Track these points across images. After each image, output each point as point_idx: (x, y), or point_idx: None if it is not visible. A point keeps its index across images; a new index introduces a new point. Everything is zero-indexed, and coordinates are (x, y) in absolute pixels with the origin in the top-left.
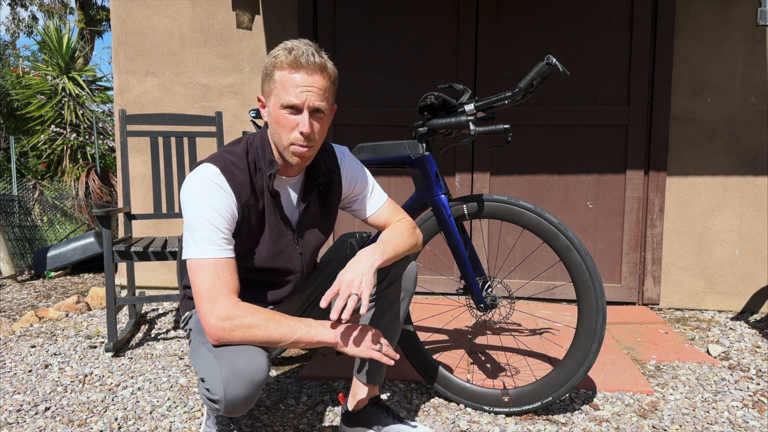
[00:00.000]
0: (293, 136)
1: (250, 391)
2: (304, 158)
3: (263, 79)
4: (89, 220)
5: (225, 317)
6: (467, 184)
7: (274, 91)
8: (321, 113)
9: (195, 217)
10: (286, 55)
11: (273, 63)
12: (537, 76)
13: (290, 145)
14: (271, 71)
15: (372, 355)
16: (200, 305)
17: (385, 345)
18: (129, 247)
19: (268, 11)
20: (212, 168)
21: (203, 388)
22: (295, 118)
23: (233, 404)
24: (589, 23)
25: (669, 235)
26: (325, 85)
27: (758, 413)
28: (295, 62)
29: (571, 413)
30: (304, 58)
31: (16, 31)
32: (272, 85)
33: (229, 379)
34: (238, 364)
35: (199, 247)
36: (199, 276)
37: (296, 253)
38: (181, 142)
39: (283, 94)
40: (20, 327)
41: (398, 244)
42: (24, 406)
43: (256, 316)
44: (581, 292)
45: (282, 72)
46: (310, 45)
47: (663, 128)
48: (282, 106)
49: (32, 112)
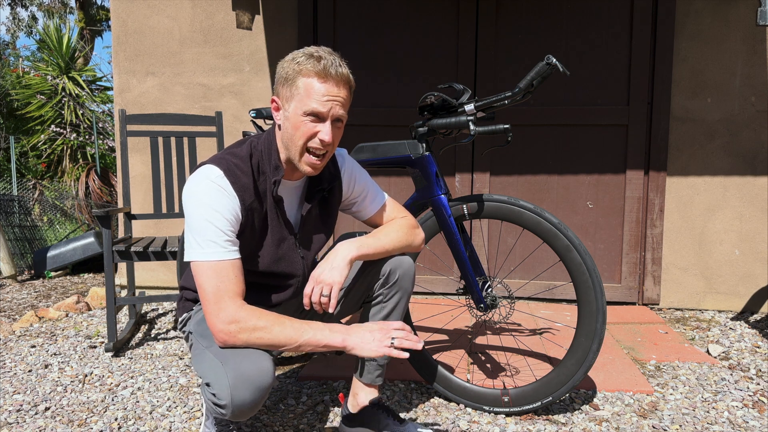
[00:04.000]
0: (312, 143)
1: (257, 396)
2: (316, 169)
3: (281, 83)
4: (89, 220)
5: (230, 320)
6: (467, 184)
7: (296, 96)
8: (340, 122)
9: (198, 219)
10: (314, 63)
11: (297, 69)
12: (537, 76)
13: (305, 152)
14: (294, 77)
15: (385, 352)
16: (206, 308)
17: (398, 338)
18: (129, 247)
19: (268, 11)
20: (216, 170)
21: (209, 393)
22: (317, 126)
23: (240, 409)
24: (589, 23)
25: (669, 235)
26: (347, 96)
27: (758, 413)
28: (324, 72)
29: (571, 413)
30: (333, 69)
31: (15, 30)
32: (294, 90)
33: (236, 384)
34: (245, 369)
35: (203, 250)
36: (204, 279)
37: (298, 257)
38: (181, 142)
39: (307, 101)
40: (20, 327)
41: (385, 239)
42: (24, 406)
43: (262, 319)
44: (581, 292)
45: (308, 79)
46: (334, 54)
47: (663, 128)
48: (305, 113)
49: (32, 112)
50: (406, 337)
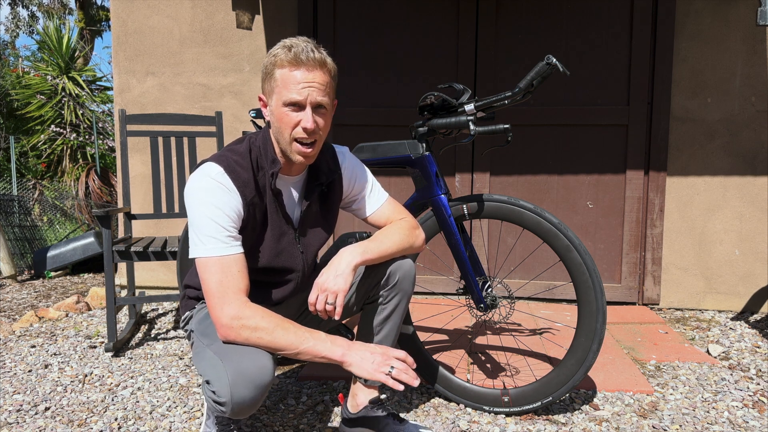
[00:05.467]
0: (296, 132)
1: (256, 394)
2: (308, 157)
3: (263, 79)
4: (89, 220)
5: (234, 316)
6: (467, 184)
7: (276, 89)
8: (323, 108)
9: (200, 217)
10: (286, 52)
11: (273, 62)
12: (537, 76)
13: (293, 141)
14: (271, 70)
15: (380, 378)
16: (210, 302)
17: (397, 368)
18: (129, 247)
19: (268, 11)
20: (216, 167)
21: (209, 390)
22: (298, 114)
23: (240, 406)
24: (589, 23)
25: (669, 235)
26: (325, 80)
27: (758, 413)
28: (295, 59)
29: (571, 413)
30: (304, 55)
31: (15, 30)
32: (273, 83)
33: (235, 381)
34: (245, 366)
35: (206, 246)
36: (208, 274)
37: (297, 252)
38: (181, 142)
39: (284, 92)
40: (20, 327)
41: (388, 243)
42: (24, 406)
43: (265, 319)
44: (581, 292)
45: (282, 70)
46: (308, 41)
47: (663, 128)
48: (284, 104)
49: (32, 112)
50: (405, 370)
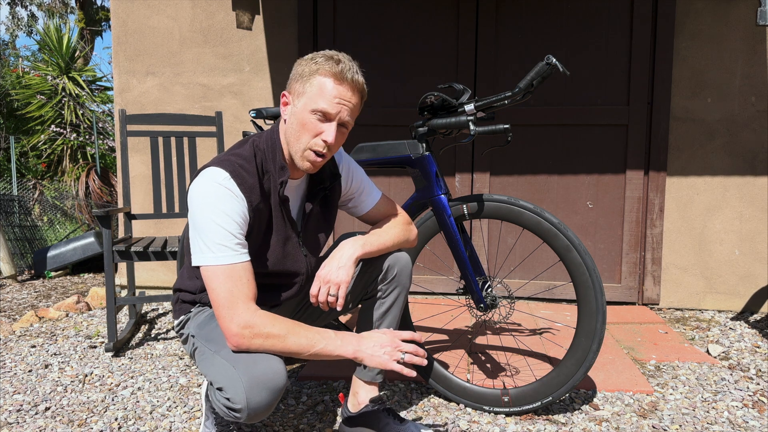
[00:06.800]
0: (314, 141)
1: (272, 398)
2: (315, 166)
3: (296, 79)
4: (89, 220)
5: (245, 325)
6: (467, 184)
7: (308, 93)
8: (345, 128)
9: (207, 223)
10: (332, 65)
11: (315, 69)
12: (537, 76)
13: (307, 149)
14: (310, 75)
15: (395, 368)
16: (219, 312)
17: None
18: (129, 247)
19: (268, 11)
20: (222, 172)
21: (222, 397)
22: (323, 125)
23: (256, 412)
24: (589, 23)
25: (669, 235)
26: (357, 103)
27: (758, 413)
28: (341, 75)
29: (571, 413)
30: (350, 74)
31: (15, 30)
32: (307, 87)
33: (251, 387)
34: (259, 371)
35: (214, 254)
36: (216, 283)
37: (302, 255)
38: (181, 142)
39: (319, 100)
40: (20, 327)
41: (385, 237)
42: (24, 406)
43: (276, 326)
44: (581, 292)
45: (324, 78)
46: (353, 61)
47: (663, 128)
48: (313, 111)
49: (32, 112)
50: (415, 352)
